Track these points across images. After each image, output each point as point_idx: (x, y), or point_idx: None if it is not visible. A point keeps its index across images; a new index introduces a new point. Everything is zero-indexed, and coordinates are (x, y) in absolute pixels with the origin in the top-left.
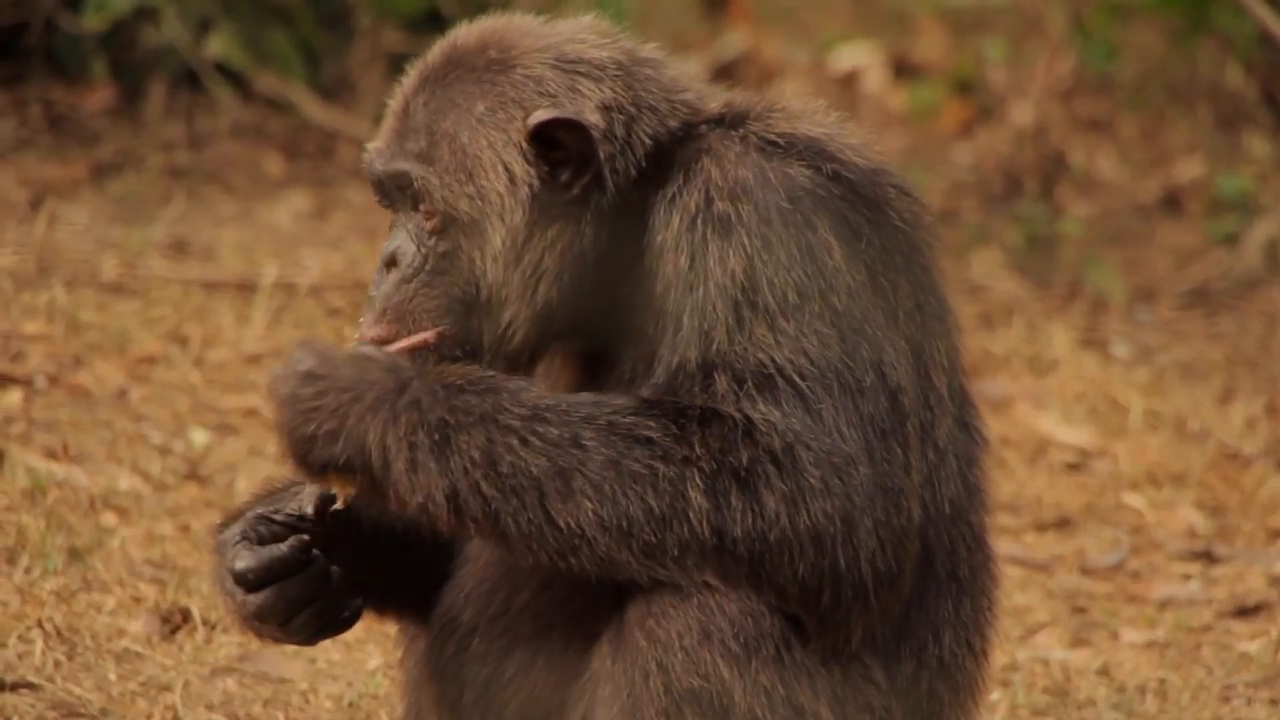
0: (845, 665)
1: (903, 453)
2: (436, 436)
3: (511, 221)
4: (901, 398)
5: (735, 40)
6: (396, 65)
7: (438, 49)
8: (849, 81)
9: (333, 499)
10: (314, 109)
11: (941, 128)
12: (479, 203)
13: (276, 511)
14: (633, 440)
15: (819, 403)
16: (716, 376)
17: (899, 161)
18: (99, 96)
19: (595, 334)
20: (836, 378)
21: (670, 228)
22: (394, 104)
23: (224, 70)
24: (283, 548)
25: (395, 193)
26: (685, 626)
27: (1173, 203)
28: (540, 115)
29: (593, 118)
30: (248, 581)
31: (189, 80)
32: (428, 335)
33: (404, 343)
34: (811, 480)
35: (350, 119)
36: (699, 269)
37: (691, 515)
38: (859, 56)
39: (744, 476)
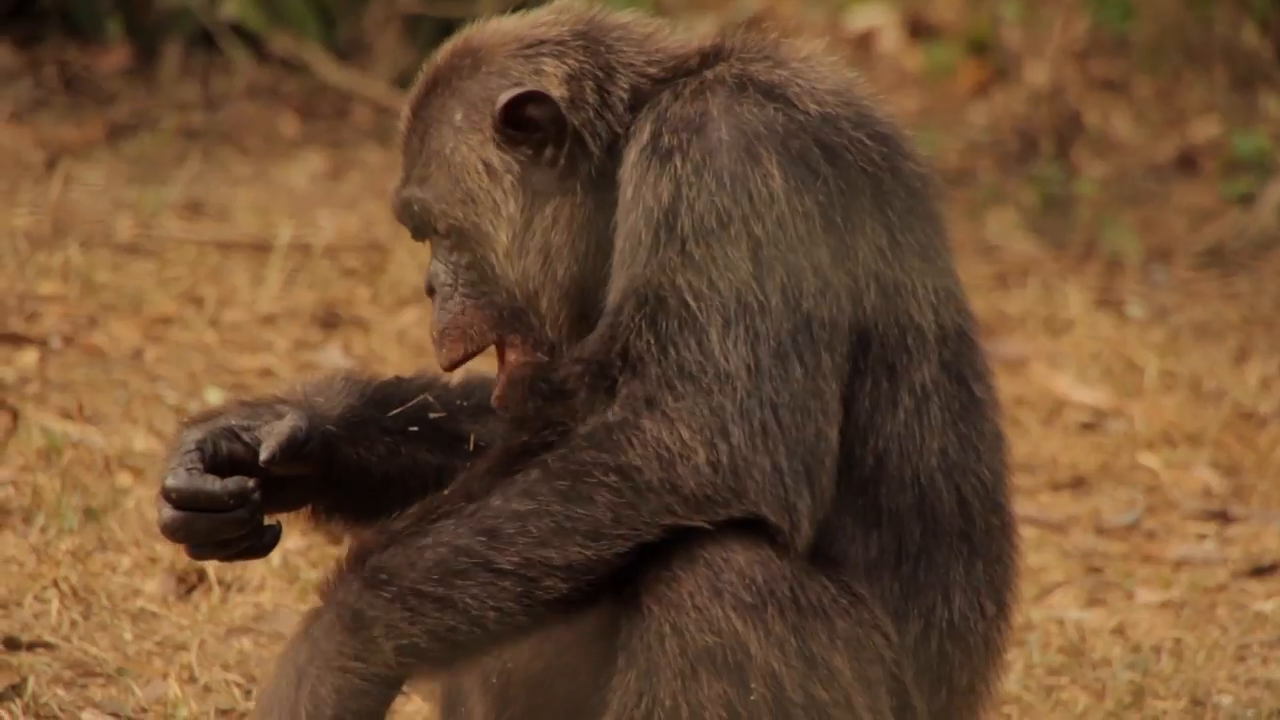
0: (856, 610)
1: (804, 375)
2: (368, 596)
3: (507, 213)
4: (815, 325)
5: (750, 0)
6: (412, 26)
7: (421, 76)
8: (864, 41)
9: (298, 446)
10: (329, 70)
11: (957, 88)
12: (472, 206)
13: (247, 429)
14: (516, 456)
15: (705, 324)
16: (625, 305)
17: (914, 122)
18: (114, 57)
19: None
20: (735, 297)
21: (627, 161)
22: (399, 141)
23: (239, 31)
24: (215, 486)
25: (410, 222)
26: (695, 585)
27: (1188, 163)
28: (502, 98)
29: (557, 90)
30: (170, 500)
31: (204, 41)
32: (492, 342)
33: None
34: (681, 412)
35: (366, 80)
36: (637, 197)
37: (597, 474)
38: (874, 16)
39: (618, 426)
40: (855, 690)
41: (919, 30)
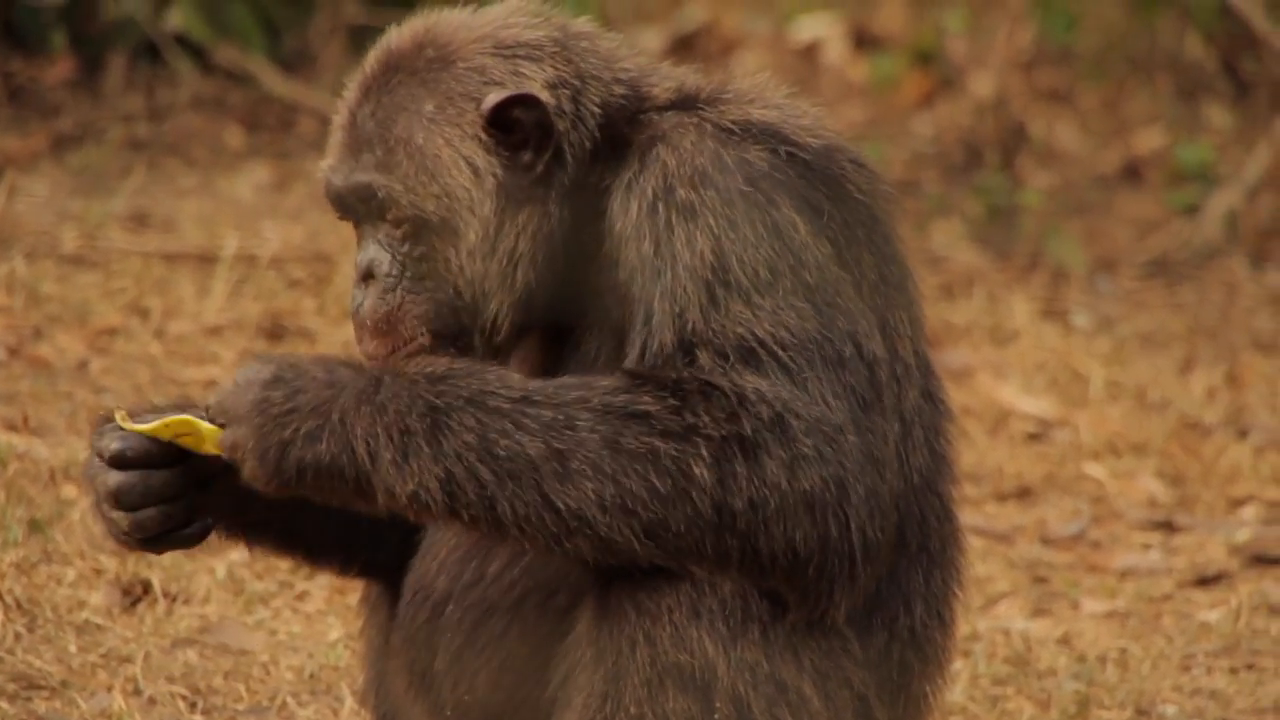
0: (828, 640)
1: (882, 423)
2: (427, 421)
3: (482, 213)
4: (878, 370)
5: (695, 12)
6: (357, 37)
7: (374, 57)
8: (809, 53)
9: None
10: (274, 81)
11: (902, 99)
12: (446, 201)
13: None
14: (629, 417)
15: (804, 373)
16: (699, 354)
17: (859, 133)
18: (59, 69)
19: (562, 314)
20: (818, 349)
21: (630, 214)
22: (339, 119)
23: (184, 42)
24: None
25: (358, 206)
26: (675, 601)
27: (1133, 173)
28: (494, 98)
29: (544, 95)
30: (114, 462)
31: (149, 53)
32: (422, 341)
33: (402, 354)
34: (805, 448)
35: (310, 91)
36: (665, 254)
37: (694, 493)
38: (819, 28)
39: (748, 445)
40: (822, 717)
41: (864, 41)
